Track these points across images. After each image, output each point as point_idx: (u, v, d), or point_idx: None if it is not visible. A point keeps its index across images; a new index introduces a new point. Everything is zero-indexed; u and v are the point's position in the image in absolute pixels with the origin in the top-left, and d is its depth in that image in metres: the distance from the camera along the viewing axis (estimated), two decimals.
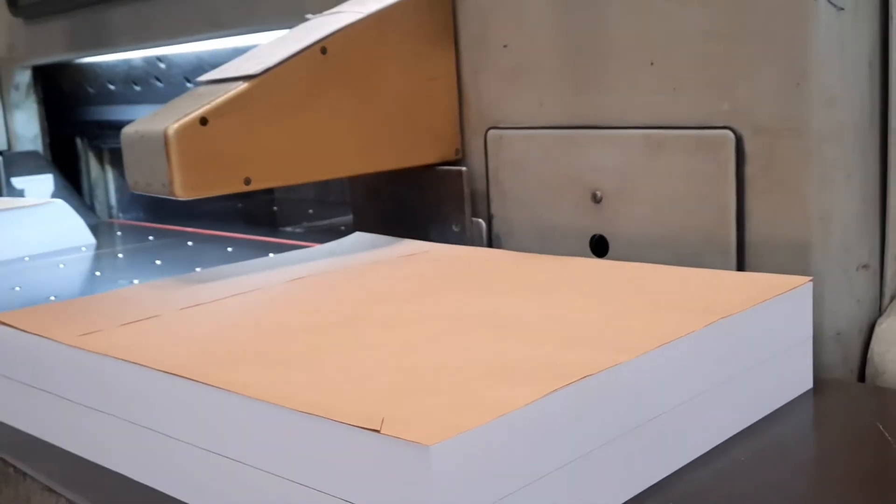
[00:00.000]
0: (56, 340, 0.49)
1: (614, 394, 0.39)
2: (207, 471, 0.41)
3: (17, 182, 1.45)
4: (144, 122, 0.64)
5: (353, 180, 0.84)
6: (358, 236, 0.77)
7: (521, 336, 0.45)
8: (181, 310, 0.55)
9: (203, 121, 0.61)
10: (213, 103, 0.62)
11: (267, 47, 0.70)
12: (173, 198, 0.61)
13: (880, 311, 0.59)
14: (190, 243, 1.24)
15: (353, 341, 0.47)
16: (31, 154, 1.51)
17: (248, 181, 0.64)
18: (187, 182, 0.61)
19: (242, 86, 0.63)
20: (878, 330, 0.58)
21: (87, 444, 0.49)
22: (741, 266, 0.60)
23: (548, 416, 0.36)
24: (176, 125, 0.60)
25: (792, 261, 0.58)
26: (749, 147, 0.59)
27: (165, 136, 0.60)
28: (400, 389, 0.38)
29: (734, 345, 0.47)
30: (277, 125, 0.65)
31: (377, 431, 0.33)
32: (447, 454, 0.32)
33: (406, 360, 0.43)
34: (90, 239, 1.22)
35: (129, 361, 0.44)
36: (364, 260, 0.68)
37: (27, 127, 1.51)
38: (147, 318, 0.53)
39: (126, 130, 0.64)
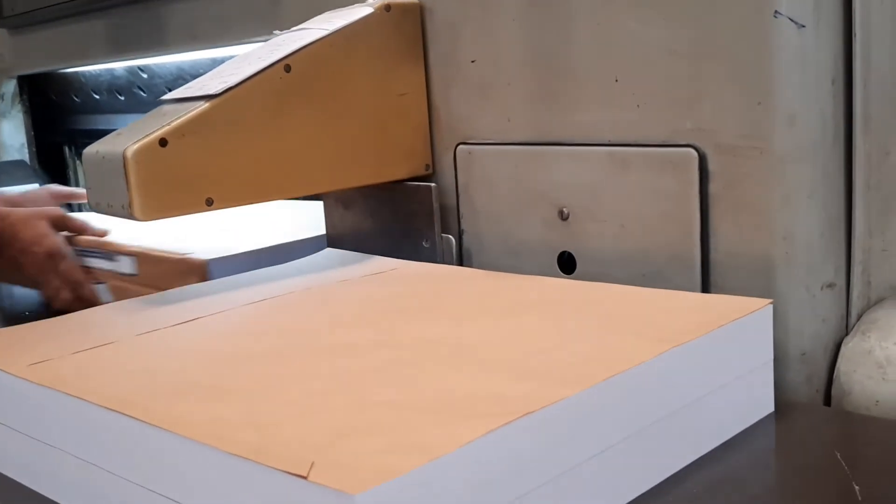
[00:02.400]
0: (4, 371, 0.48)
1: (557, 429, 0.39)
2: None
3: (4, 192, 1.45)
4: (106, 142, 0.63)
5: (327, 195, 0.83)
6: (328, 253, 0.77)
7: (473, 366, 0.45)
8: (137, 336, 0.54)
9: (163, 142, 0.61)
10: (173, 124, 0.61)
11: (231, 65, 0.69)
12: (133, 220, 0.61)
13: (847, 330, 0.59)
14: None
15: (303, 372, 0.46)
16: (18, 163, 1.50)
17: (210, 202, 0.63)
18: (147, 204, 0.60)
19: (203, 106, 0.63)
20: (844, 349, 0.58)
21: (37, 476, 0.48)
22: (706, 284, 0.59)
23: (486, 455, 0.36)
24: (135, 147, 0.60)
25: (756, 280, 0.57)
26: (713, 165, 0.58)
27: (124, 158, 0.59)
28: (340, 428, 0.38)
29: (689, 372, 0.46)
30: (240, 145, 0.64)
31: (304, 478, 0.33)
32: (375, 501, 0.32)
33: (352, 394, 0.42)
34: None
35: (70, 395, 0.44)
36: (330, 279, 0.67)
37: (14, 136, 1.51)
38: (101, 346, 0.52)
39: (87, 151, 0.63)
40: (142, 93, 1.28)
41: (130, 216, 0.60)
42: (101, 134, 0.65)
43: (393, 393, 0.42)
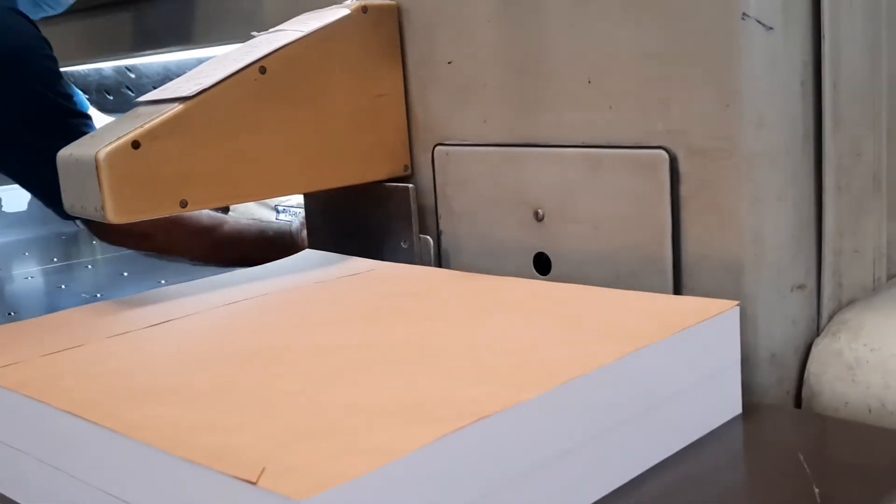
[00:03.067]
0: None
1: (515, 433, 0.39)
2: None
3: None
4: (80, 144, 0.64)
5: (308, 195, 0.83)
6: (307, 254, 0.77)
7: (438, 368, 0.45)
8: (108, 338, 0.55)
9: (135, 144, 0.61)
10: (146, 126, 0.61)
11: (207, 66, 0.69)
12: (107, 222, 0.61)
13: (818, 332, 0.59)
14: None
15: (268, 374, 0.46)
16: None
17: (184, 203, 0.64)
18: (120, 206, 0.60)
19: (177, 108, 0.63)
20: (814, 350, 0.58)
21: (4, 479, 0.48)
22: (678, 285, 0.59)
23: (440, 460, 0.36)
24: (107, 149, 0.60)
25: (726, 281, 0.57)
26: (683, 167, 0.58)
27: (96, 161, 0.59)
28: (296, 432, 0.38)
29: (653, 373, 0.46)
30: (215, 147, 0.64)
31: (253, 483, 0.33)
32: None
33: (312, 396, 0.42)
34: None
35: (32, 398, 0.44)
36: (307, 280, 0.68)
37: None
38: (71, 348, 0.53)
39: (61, 153, 0.63)
40: (130, 92, 1.28)
41: (103, 218, 0.60)
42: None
43: (353, 396, 0.42)
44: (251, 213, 1.15)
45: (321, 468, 0.34)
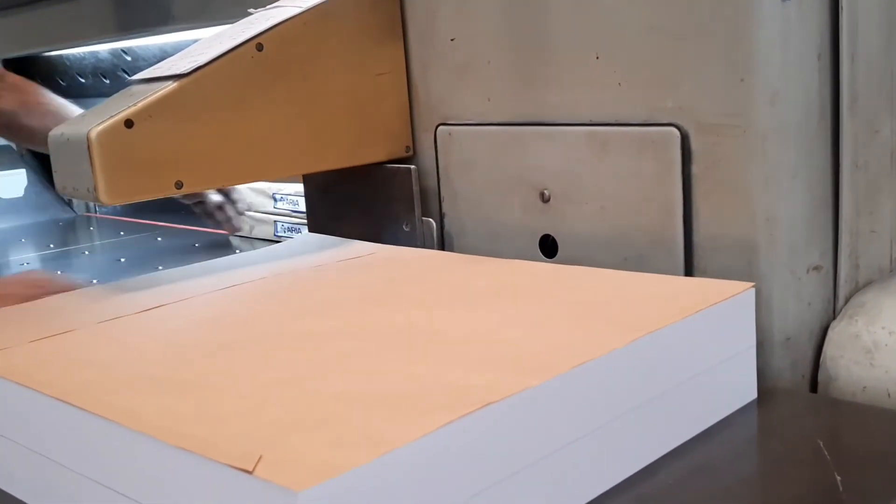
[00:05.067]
0: None
1: (518, 422, 0.37)
2: (94, 501, 0.39)
3: None
4: (72, 124, 0.62)
5: (307, 177, 0.81)
6: (306, 237, 0.75)
7: (437, 355, 0.43)
8: (98, 324, 0.53)
9: (128, 123, 0.59)
10: (139, 105, 0.59)
11: (202, 44, 0.67)
12: (99, 204, 0.59)
13: (834, 314, 0.57)
14: (160, 239, 1.22)
15: (261, 362, 0.44)
16: (4, 149, 1.49)
17: (179, 185, 0.62)
18: (112, 188, 0.58)
19: (171, 86, 0.61)
20: (831, 333, 0.56)
21: None
22: (689, 267, 0.58)
23: (440, 450, 0.34)
24: (99, 128, 0.58)
25: (739, 262, 0.55)
26: (694, 145, 0.56)
27: (88, 140, 0.57)
28: (291, 421, 0.36)
29: (666, 359, 0.44)
30: (210, 126, 0.62)
31: (249, 472, 0.31)
32: (319, 499, 0.30)
33: (308, 384, 0.40)
34: None
35: (21, 384, 0.42)
36: (306, 264, 0.66)
37: None
38: (60, 334, 0.51)
39: (53, 133, 0.62)
40: (126, 75, 1.26)
41: (96, 200, 0.58)
42: None
43: (353, 383, 0.40)
44: (246, 202, 1.13)
45: (320, 457, 0.32)
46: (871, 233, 0.58)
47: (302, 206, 1.06)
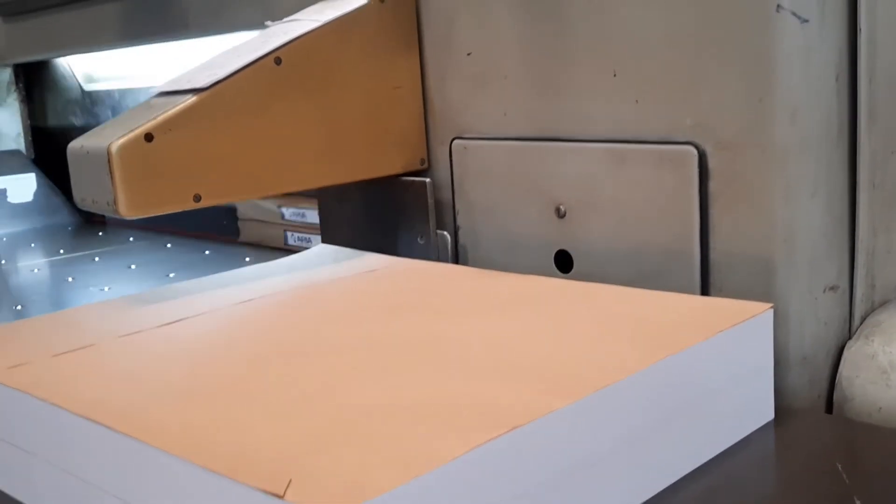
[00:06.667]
0: None
1: (546, 442, 0.37)
2: None
3: None
4: (91, 136, 0.62)
5: (321, 189, 0.82)
6: (321, 249, 0.75)
7: (461, 371, 0.43)
8: (119, 337, 0.53)
9: (148, 137, 0.59)
10: (159, 118, 0.60)
11: (221, 57, 0.67)
12: (119, 217, 0.59)
13: (850, 334, 0.57)
14: (168, 245, 1.22)
15: (286, 377, 0.45)
16: (14, 153, 1.49)
17: (197, 198, 0.62)
18: (132, 201, 0.59)
19: (191, 99, 0.61)
20: (846, 353, 0.56)
21: (14, 481, 0.47)
22: (705, 284, 0.58)
23: (472, 470, 0.34)
24: (119, 142, 0.58)
25: (756, 280, 0.55)
26: (712, 163, 0.56)
27: (108, 154, 0.58)
28: (319, 440, 0.36)
29: (686, 379, 0.45)
30: (229, 139, 0.63)
31: (280, 497, 0.31)
32: None
33: (335, 400, 0.41)
34: None
35: (46, 401, 0.42)
36: (323, 276, 0.66)
37: (9, 125, 1.49)
38: (82, 348, 0.51)
39: (72, 145, 0.62)
40: None
41: (115, 213, 0.59)
42: None
43: (376, 399, 0.40)
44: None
45: (350, 480, 0.32)
46: (887, 252, 0.58)
47: (309, 219, 1.06)
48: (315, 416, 0.39)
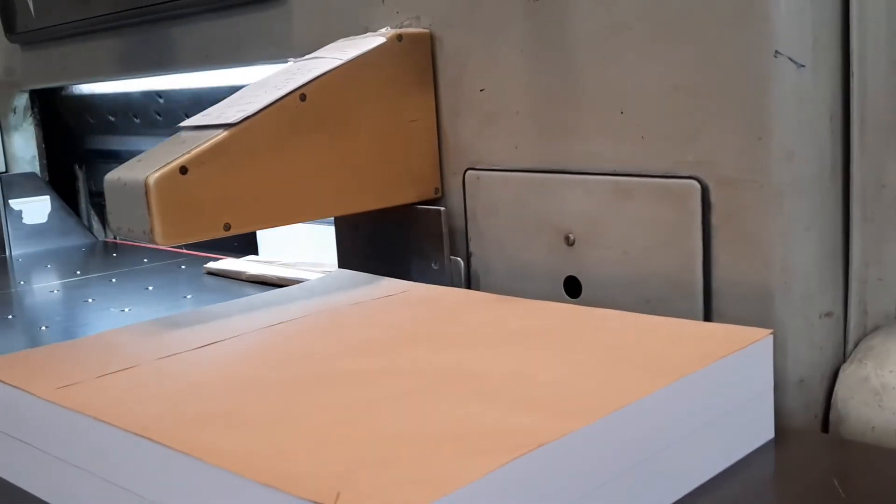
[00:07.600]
0: (34, 394, 0.50)
1: (562, 463, 0.41)
2: None
3: (15, 203, 1.47)
4: (127, 169, 0.66)
5: (339, 217, 0.85)
6: (339, 274, 0.79)
7: (480, 396, 0.47)
8: (158, 359, 0.56)
9: (183, 170, 0.63)
10: (193, 152, 0.63)
11: (248, 92, 0.71)
12: (154, 245, 0.63)
13: (844, 358, 0.61)
14: (183, 267, 1.25)
15: (316, 401, 0.48)
16: (29, 176, 1.53)
17: (227, 226, 0.66)
18: (168, 230, 0.62)
19: (222, 134, 0.65)
20: (841, 376, 0.60)
21: (63, 497, 0.50)
22: (708, 311, 0.61)
23: (500, 486, 0.38)
24: (157, 175, 0.62)
25: (756, 308, 0.59)
26: (714, 197, 0.60)
27: (146, 186, 0.61)
28: (356, 460, 0.40)
29: (691, 402, 0.48)
30: (256, 172, 0.66)
31: None
32: None
33: (367, 424, 0.44)
34: None
35: (101, 420, 0.46)
36: (342, 301, 0.69)
37: (25, 149, 1.53)
38: (124, 370, 0.54)
39: (109, 177, 0.65)
40: (158, 117, 1.30)
41: (152, 241, 0.62)
42: (114, 154, 0.67)
43: (405, 424, 0.44)
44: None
45: (391, 495, 0.36)
46: (878, 281, 0.62)
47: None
48: (348, 441, 0.42)
